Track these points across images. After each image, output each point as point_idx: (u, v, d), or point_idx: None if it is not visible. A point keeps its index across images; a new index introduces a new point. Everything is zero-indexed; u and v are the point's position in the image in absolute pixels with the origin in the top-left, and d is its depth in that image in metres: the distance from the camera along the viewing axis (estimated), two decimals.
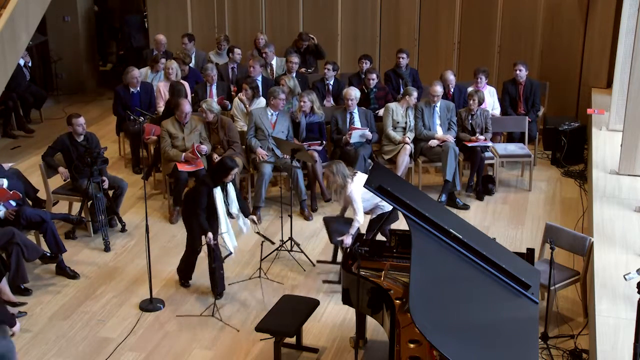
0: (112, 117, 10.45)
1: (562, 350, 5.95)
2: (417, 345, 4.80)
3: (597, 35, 10.52)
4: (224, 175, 6.61)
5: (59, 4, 11.67)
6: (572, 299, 6.67)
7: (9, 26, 8.95)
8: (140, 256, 7.17)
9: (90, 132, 8.06)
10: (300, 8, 11.59)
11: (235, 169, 6.69)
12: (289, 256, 7.49)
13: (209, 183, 6.61)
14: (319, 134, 8.77)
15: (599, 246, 6.54)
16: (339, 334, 6.31)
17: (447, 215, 5.64)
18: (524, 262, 5.56)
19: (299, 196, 8.37)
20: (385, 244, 6.04)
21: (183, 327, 6.44)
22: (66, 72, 12.91)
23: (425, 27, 11.19)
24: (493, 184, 9.00)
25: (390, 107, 8.86)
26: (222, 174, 6.61)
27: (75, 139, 7.85)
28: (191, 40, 10.86)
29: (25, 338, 6.30)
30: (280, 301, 6.05)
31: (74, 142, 7.85)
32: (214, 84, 9.63)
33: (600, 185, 7.85)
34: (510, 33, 10.87)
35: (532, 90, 9.73)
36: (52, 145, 7.95)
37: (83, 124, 7.84)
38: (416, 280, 4.66)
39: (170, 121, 8.42)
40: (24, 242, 6.79)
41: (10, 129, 11.01)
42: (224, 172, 6.61)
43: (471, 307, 4.81)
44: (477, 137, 8.79)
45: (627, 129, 7.96)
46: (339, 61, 11.19)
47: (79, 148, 7.83)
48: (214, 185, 6.60)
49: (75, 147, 7.84)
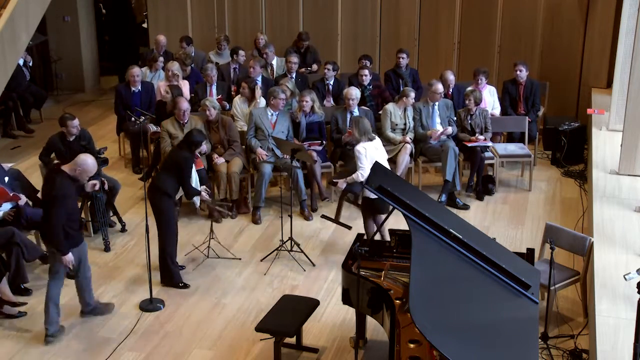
0: (112, 117, 10.46)
1: (562, 350, 5.95)
2: (417, 345, 4.80)
3: (597, 35, 10.52)
4: (196, 147, 7.06)
5: (59, 4, 11.68)
6: (572, 299, 6.67)
7: (9, 26, 8.95)
8: (140, 256, 7.16)
9: (83, 128, 8.05)
10: (300, 8, 11.59)
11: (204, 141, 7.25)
12: (289, 256, 7.49)
13: (190, 154, 7.01)
14: (319, 133, 8.77)
15: (599, 246, 6.54)
16: (339, 334, 6.31)
17: (447, 215, 5.64)
18: (524, 262, 5.56)
19: (299, 196, 8.37)
20: (385, 244, 6.04)
21: (183, 327, 6.44)
22: (66, 72, 12.92)
23: (425, 27, 11.19)
24: (493, 184, 9.00)
25: (388, 109, 8.85)
26: (195, 147, 7.04)
27: (67, 138, 7.85)
28: (189, 43, 10.85)
29: (26, 338, 6.29)
30: (280, 301, 6.05)
31: (65, 141, 7.85)
32: (213, 84, 9.63)
33: (600, 185, 7.85)
34: (510, 33, 10.87)
35: (532, 90, 9.73)
36: (45, 146, 7.97)
37: (77, 125, 7.84)
38: (416, 280, 4.66)
39: (170, 121, 8.42)
40: (24, 242, 6.79)
41: (10, 129, 11.02)
42: (196, 145, 7.03)
43: (471, 307, 4.81)
44: (476, 137, 8.79)
45: (627, 129, 7.96)
46: (339, 61, 11.19)
47: (71, 147, 7.84)
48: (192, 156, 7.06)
49: (67, 146, 7.84)
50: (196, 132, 7.13)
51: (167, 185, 6.91)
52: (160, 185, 6.91)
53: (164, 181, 6.93)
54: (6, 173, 7.45)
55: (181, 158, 6.92)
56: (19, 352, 6.10)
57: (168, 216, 6.90)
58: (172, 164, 6.98)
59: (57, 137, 7.89)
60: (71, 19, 12.75)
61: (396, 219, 6.32)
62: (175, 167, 6.92)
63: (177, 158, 6.95)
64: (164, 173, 7.04)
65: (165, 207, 6.88)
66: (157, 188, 6.92)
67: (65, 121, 7.81)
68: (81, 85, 13.07)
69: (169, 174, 6.96)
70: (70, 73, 12.94)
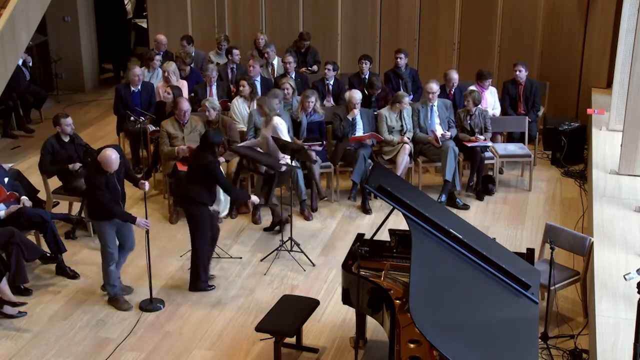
0: (112, 117, 10.45)
1: (562, 350, 5.95)
2: (417, 345, 4.80)
3: (597, 35, 10.52)
4: (217, 147, 7.00)
5: (59, 4, 11.68)
6: (572, 299, 6.67)
7: (9, 26, 8.96)
8: (140, 256, 7.16)
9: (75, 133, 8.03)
10: (300, 8, 11.58)
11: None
12: (289, 256, 7.49)
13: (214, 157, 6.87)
14: (319, 133, 8.76)
15: (599, 246, 6.54)
16: (339, 334, 6.31)
17: (447, 215, 5.64)
18: (524, 262, 5.56)
19: (299, 196, 8.36)
20: (385, 244, 6.04)
21: (183, 327, 6.44)
22: (66, 72, 12.91)
23: (425, 27, 11.19)
24: (493, 184, 9.00)
25: (382, 113, 8.83)
26: (216, 146, 6.95)
27: (62, 139, 7.85)
28: (189, 42, 10.83)
29: (25, 338, 6.29)
30: (280, 301, 6.05)
31: (61, 142, 7.84)
32: (213, 84, 9.63)
33: (600, 185, 7.85)
34: (510, 33, 10.87)
35: (532, 90, 9.73)
36: (43, 151, 7.85)
37: (71, 123, 7.84)
38: (416, 280, 4.66)
39: (170, 121, 8.41)
40: (24, 242, 6.79)
41: (11, 129, 11.01)
42: (217, 145, 6.94)
43: (471, 307, 4.81)
44: (476, 137, 8.79)
45: (627, 129, 7.96)
46: (339, 61, 11.19)
47: (67, 148, 7.83)
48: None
49: (64, 148, 7.83)
50: (212, 132, 6.93)
51: (199, 194, 6.73)
52: (194, 197, 6.73)
53: (195, 191, 6.74)
54: (6, 173, 7.45)
55: (206, 163, 6.71)
56: (19, 352, 6.11)
57: (201, 224, 6.78)
58: (198, 171, 6.76)
59: (53, 139, 7.86)
60: (71, 19, 12.74)
61: (396, 219, 6.33)
62: (204, 173, 6.72)
63: (202, 164, 6.73)
64: (192, 183, 6.79)
65: (199, 214, 6.76)
66: (190, 199, 6.76)
67: (58, 119, 7.80)
68: (81, 85, 13.07)
69: (198, 181, 6.74)
70: (70, 73, 12.93)
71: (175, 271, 7.33)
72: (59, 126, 7.79)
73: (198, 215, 6.77)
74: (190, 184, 6.81)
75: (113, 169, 6.41)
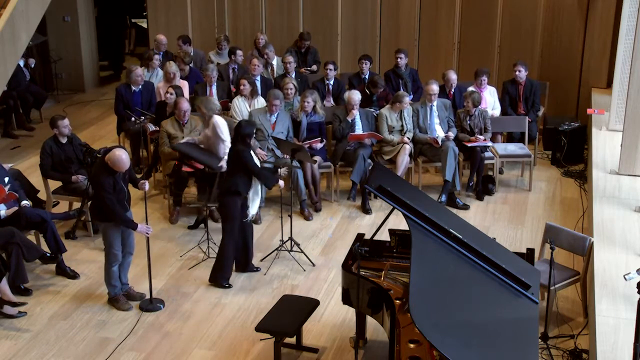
0: (112, 117, 10.46)
1: (562, 350, 5.95)
2: (417, 345, 4.80)
3: (597, 35, 10.52)
4: (249, 138, 6.99)
5: (59, 4, 11.68)
6: (572, 299, 6.67)
7: (9, 26, 8.96)
8: (140, 256, 7.16)
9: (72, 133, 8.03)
10: (300, 8, 11.59)
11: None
12: (289, 256, 7.49)
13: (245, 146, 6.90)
14: (319, 133, 8.76)
15: (599, 246, 6.54)
16: (339, 334, 6.31)
17: (447, 215, 5.64)
18: (524, 262, 5.56)
19: (298, 196, 8.36)
20: (385, 244, 6.04)
21: (183, 327, 6.44)
22: (66, 72, 12.92)
23: (425, 27, 11.19)
24: (493, 184, 9.00)
25: (383, 113, 8.83)
26: (248, 137, 6.96)
27: (60, 140, 7.84)
28: (186, 42, 10.82)
29: (25, 338, 6.29)
30: (280, 301, 6.05)
31: (59, 144, 7.84)
32: (213, 84, 9.63)
33: (600, 185, 7.85)
34: (510, 33, 10.87)
35: (532, 90, 9.73)
36: (42, 155, 7.85)
37: (68, 125, 7.84)
38: (416, 280, 4.66)
39: (170, 121, 8.41)
40: (24, 242, 6.79)
41: (11, 128, 11.01)
42: (249, 136, 6.97)
43: (471, 307, 4.81)
44: (476, 137, 8.79)
45: (627, 129, 7.96)
46: (339, 61, 11.19)
47: (66, 149, 7.83)
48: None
49: (63, 149, 7.83)
50: (245, 122, 7.05)
51: (237, 184, 6.83)
52: (230, 186, 6.85)
53: (232, 182, 6.85)
54: (6, 173, 7.45)
55: (238, 153, 6.83)
56: (19, 352, 6.11)
57: (231, 214, 6.86)
58: (233, 163, 6.91)
59: (51, 141, 7.85)
60: (71, 19, 12.75)
61: (396, 219, 6.34)
62: (239, 165, 6.84)
63: (235, 155, 6.87)
64: (230, 175, 6.93)
65: (229, 204, 6.85)
66: (228, 190, 6.87)
67: (55, 122, 7.79)
68: (81, 85, 13.07)
69: (236, 174, 6.86)
70: (70, 73, 12.94)
71: (175, 271, 7.33)
72: (57, 128, 7.79)
73: (229, 206, 6.85)
74: (229, 178, 6.96)
75: (124, 169, 6.36)
